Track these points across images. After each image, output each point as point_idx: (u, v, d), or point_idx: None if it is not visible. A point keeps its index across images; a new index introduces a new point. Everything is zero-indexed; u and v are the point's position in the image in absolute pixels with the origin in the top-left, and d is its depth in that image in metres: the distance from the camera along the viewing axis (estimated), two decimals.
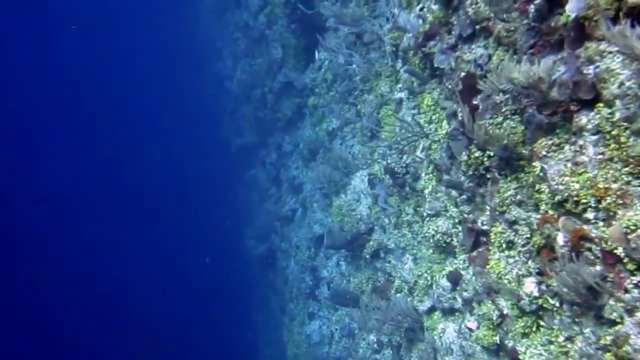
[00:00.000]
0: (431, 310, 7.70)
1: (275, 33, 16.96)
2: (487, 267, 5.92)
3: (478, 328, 6.38)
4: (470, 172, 6.47)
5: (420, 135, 7.79)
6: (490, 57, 6.25)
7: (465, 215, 6.72)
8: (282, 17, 16.11)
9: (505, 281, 5.64)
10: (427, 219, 7.63)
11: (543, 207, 5.05)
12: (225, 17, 23.72)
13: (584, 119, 4.60)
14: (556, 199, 4.73)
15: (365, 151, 10.90)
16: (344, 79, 11.36)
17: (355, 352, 10.76)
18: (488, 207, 6.23)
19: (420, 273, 8.09)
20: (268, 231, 19.85)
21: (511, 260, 5.65)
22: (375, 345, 9.67)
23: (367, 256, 10.09)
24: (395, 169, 8.66)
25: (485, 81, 5.24)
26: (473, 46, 6.63)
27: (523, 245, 5.52)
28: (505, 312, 5.86)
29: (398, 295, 8.49)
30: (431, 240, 7.46)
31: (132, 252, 32.18)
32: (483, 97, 6.35)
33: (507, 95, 5.92)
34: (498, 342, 5.98)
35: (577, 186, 4.50)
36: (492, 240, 5.89)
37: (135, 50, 41.05)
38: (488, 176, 6.22)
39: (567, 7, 4.70)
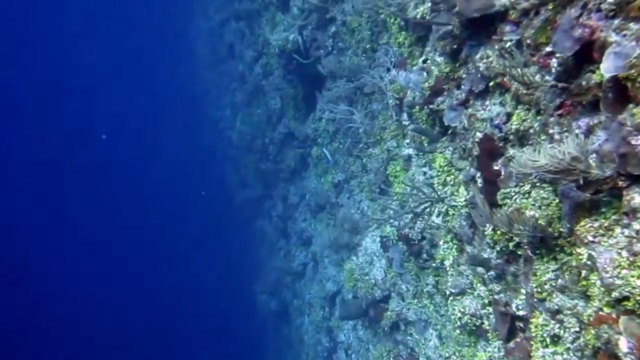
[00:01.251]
0: None
1: (272, 84, 16.37)
2: None
3: None
4: (498, 248, 5.67)
5: (435, 200, 7.00)
6: (509, 116, 5.49)
7: (496, 297, 5.87)
8: (277, 68, 15.52)
9: None
10: (450, 298, 6.78)
11: (596, 303, 4.21)
12: (220, 68, 23.25)
13: (637, 198, 3.80)
14: (612, 295, 3.90)
15: (375, 207, 10.13)
16: (346, 134, 10.62)
17: None
18: (523, 290, 5.40)
19: (448, 355, 7.22)
20: (279, 286, 19.09)
21: (559, 358, 4.79)
22: None
23: (386, 328, 9.22)
24: (409, 235, 7.85)
25: (511, 166, 4.42)
26: (487, 103, 5.88)
27: (572, 341, 4.66)
28: None
29: None
30: (458, 323, 6.61)
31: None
32: (505, 161, 5.59)
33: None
34: None
35: (639, 282, 3.68)
36: (534, 334, 5.04)
37: (131, 100, 40.55)
38: (519, 252, 5.42)
39: (603, 67, 3.93)
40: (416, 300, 8.34)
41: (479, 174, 5.95)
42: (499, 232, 5.50)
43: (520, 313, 5.46)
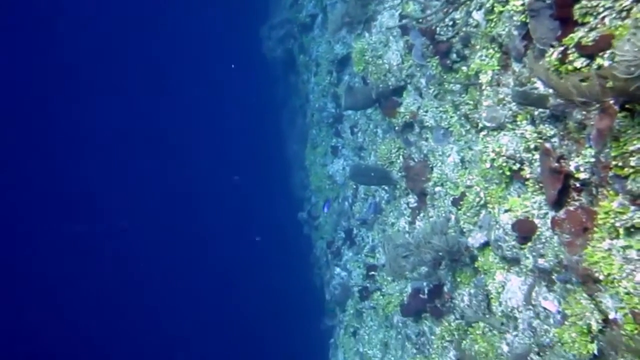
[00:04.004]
0: (485, 246, 5.70)
1: None
2: (588, 253, 3.77)
3: (561, 316, 4.41)
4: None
5: None
6: None
7: (548, 145, 4.36)
8: None
9: (621, 290, 3.55)
10: (483, 133, 5.27)
11: None
12: None
13: None
14: None
15: None
16: None
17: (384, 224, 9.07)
18: (590, 150, 3.90)
19: (470, 183, 5.96)
20: (286, 34, 17.38)
21: (632, 255, 3.50)
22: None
23: (397, 127, 7.87)
24: (437, 30, 6.07)
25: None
26: None
27: None
28: (612, 316, 3.82)
29: (433, 220, 6.38)
30: (488, 163, 5.19)
31: None
32: None
33: None
34: (596, 352, 4.04)
35: None
36: (601, 221, 3.67)
37: None
38: None
39: None
40: (436, 102, 6.85)
41: None
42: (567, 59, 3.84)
43: (581, 175, 4.03)
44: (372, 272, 9.38)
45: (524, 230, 4.72)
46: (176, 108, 29.05)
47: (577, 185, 4.20)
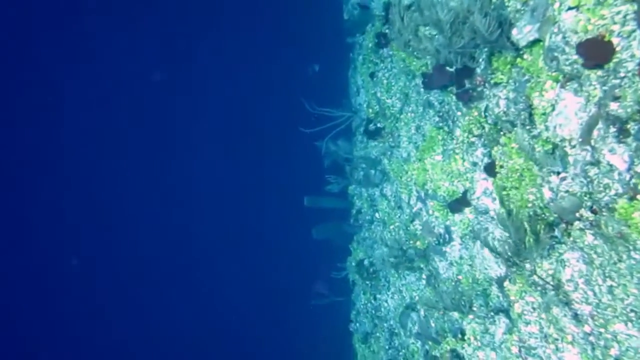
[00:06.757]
0: (535, 43, 4.14)
1: None
2: None
3: (631, 176, 3.19)
4: None
5: None
6: None
7: None
8: None
9: None
10: None
11: None
12: None
13: None
14: None
15: None
16: None
17: None
18: None
19: None
20: None
21: None
22: None
23: None
24: None
25: None
26: None
27: None
28: None
29: None
30: None
31: None
32: None
33: None
34: None
35: None
36: None
37: None
38: None
39: None
40: None
41: None
42: None
43: None
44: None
45: (595, 56, 3.24)
46: None
47: None
